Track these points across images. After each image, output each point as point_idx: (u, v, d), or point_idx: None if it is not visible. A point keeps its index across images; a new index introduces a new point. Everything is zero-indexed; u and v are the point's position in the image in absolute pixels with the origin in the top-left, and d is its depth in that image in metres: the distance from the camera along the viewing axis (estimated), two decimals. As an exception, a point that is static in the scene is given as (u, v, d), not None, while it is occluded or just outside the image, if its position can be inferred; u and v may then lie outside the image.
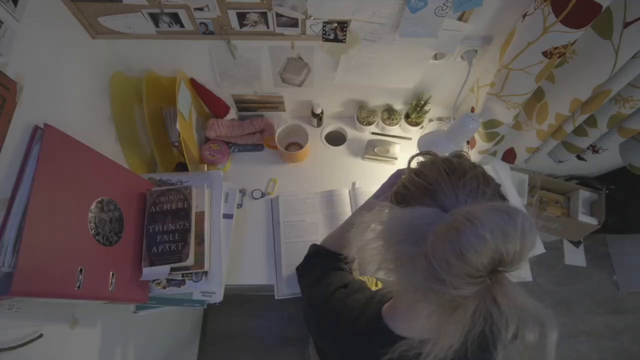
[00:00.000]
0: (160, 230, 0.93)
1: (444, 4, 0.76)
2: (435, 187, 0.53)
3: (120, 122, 1.00)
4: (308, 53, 0.95)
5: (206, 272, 0.96)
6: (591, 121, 1.03)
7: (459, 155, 0.61)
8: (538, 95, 1.00)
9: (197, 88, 1.08)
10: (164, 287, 0.95)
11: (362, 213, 0.65)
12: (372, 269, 0.57)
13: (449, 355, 0.48)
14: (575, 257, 1.95)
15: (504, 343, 0.43)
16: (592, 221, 1.63)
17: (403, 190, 0.58)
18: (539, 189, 1.75)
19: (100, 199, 0.80)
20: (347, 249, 0.80)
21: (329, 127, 1.25)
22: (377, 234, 0.53)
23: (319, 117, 1.19)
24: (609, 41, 0.76)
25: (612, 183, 1.70)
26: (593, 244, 1.98)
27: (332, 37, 0.87)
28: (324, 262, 0.83)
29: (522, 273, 1.06)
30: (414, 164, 0.62)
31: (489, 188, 0.53)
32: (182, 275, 0.95)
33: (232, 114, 1.18)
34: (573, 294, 1.90)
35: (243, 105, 1.18)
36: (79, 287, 0.71)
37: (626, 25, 0.72)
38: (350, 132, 1.24)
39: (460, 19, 0.82)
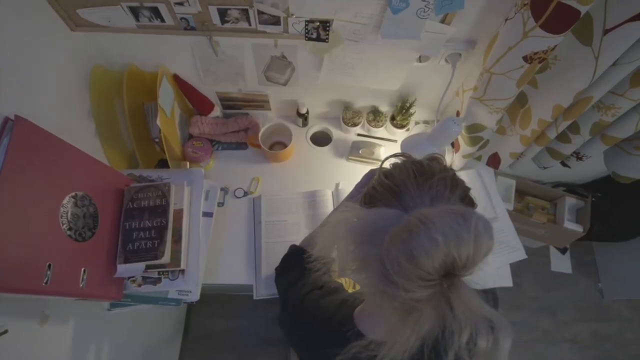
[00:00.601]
0: (137, 227, 0.92)
1: (425, 6, 0.76)
2: (401, 189, 0.53)
3: (100, 116, 0.98)
4: (292, 52, 0.94)
5: (183, 271, 0.95)
6: (574, 128, 1.04)
7: (433, 158, 0.61)
8: (521, 100, 1.00)
9: (180, 84, 1.07)
10: (139, 285, 0.93)
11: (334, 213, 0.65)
12: (338, 269, 0.57)
13: (405, 358, 0.47)
14: (561, 263, 1.96)
15: (456, 348, 0.42)
16: (578, 228, 1.63)
17: (371, 191, 0.57)
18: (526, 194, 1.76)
19: (74, 193, 0.79)
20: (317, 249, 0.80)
21: (314, 127, 1.24)
22: (341, 234, 0.52)
23: (304, 117, 1.18)
24: (589, 48, 0.76)
25: (598, 191, 1.70)
26: (579, 251, 1.98)
27: (314, 36, 0.86)
28: (301, 263, 0.83)
29: (504, 279, 1.06)
30: (387, 166, 0.62)
31: (456, 191, 0.52)
32: (159, 273, 0.94)
33: (217, 111, 1.17)
34: (558, 301, 1.90)
35: (228, 103, 1.17)
36: (46, 283, 0.69)
37: (606, 32, 0.72)
38: (335, 133, 1.24)
39: (443, 21, 0.82)
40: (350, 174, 1.17)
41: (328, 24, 0.83)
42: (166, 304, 0.95)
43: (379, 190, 0.56)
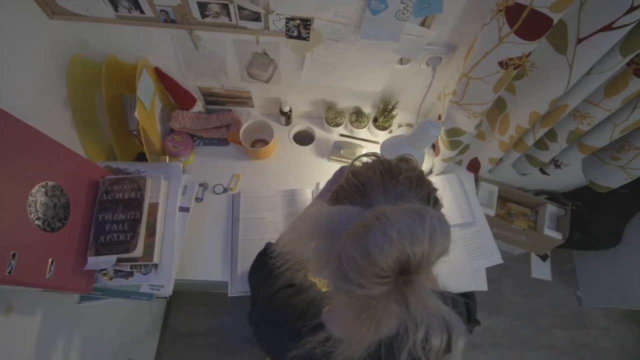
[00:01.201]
0: (110, 219, 0.91)
1: (404, 8, 0.76)
2: (366, 187, 0.53)
3: (79, 107, 0.97)
4: (274, 49, 0.94)
5: (156, 265, 0.94)
6: (551, 135, 1.05)
7: (402, 159, 0.61)
8: (500, 106, 1.01)
9: (161, 78, 1.06)
10: (110, 278, 0.92)
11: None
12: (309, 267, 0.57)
13: (362, 356, 0.47)
14: (541, 270, 1.98)
15: (410, 346, 0.42)
16: (557, 236, 1.65)
17: (339, 189, 0.58)
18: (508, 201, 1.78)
19: (44, 183, 0.78)
20: (281, 245, 0.80)
21: (297, 126, 1.24)
22: (304, 231, 0.52)
23: (287, 115, 1.18)
24: (564, 56, 0.77)
25: (579, 200, 1.72)
26: (559, 259, 2.01)
27: (295, 34, 0.86)
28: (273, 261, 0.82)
29: (479, 283, 1.07)
30: (358, 165, 0.62)
31: (421, 191, 0.53)
32: (131, 267, 0.93)
33: (199, 106, 1.16)
34: (538, 307, 1.92)
35: (211, 98, 1.17)
36: (10, 272, 0.68)
37: (579, 41, 0.73)
38: (318, 133, 1.24)
39: (422, 24, 0.82)
40: (331, 174, 1.17)
41: (309, 23, 0.83)
42: (138, 298, 0.94)
43: (346, 188, 0.57)
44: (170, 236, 0.97)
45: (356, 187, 0.54)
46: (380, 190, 0.52)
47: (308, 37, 0.87)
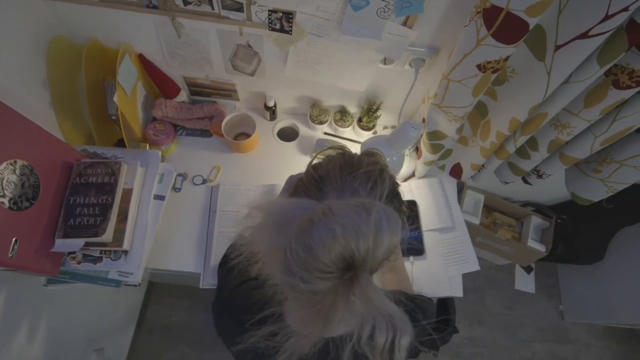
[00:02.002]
0: (81, 202, 0.90)
1: (385, 6, 0.76)
2: (324, 180, 0.52)
3: (59, 89, 0.97)
4: (257, 41, 0.94)
5: (126, 252, 0.93)
6: (532, 144, 1.05)
7: (368, 153, 0.60)
8: (482, 111, 1.00)
9: (145, 65, 1.05)
10: (79, 262, 0.91)
11: None
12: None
13: (311, 352, 0.46)
14: (525, 283, 1.97)
15: (355, 343, 0.42)
16: (540, 248, 1.64)
17: (299, 182, 0.57)
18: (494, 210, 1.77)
19: (12, 161, 0.77)
20: (237, 237, 0.79)
21: (282, 122, 1.24)
22: (259, 222, 0.51)
23: (271, 110, 1.18)
24: (542, 63, 0.77)
25: (565, 213, 1.72)
26: (544, 272, 2.00)
27: (278, 27, 0.86)
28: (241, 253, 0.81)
29: (454, 289, 1.06)
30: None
31: (381, 185, 0.52)
32: (100, 252, 0.92)
33: (183, 96, 1.16)
34: (519, 319, 1.91)
35: (196, 89, 1.16)
36: (-32, 248, 0.67)
37: (557, 48, 0.73)
38: (303, 130, 1.23)
39: (404, 24, 0.82)
40: (313, 172, 1.17)
41: (291, 16, 0.83)
42: (106, 284, 0.92)
43: (305, 181, 0.56)
44: (142, 224, 0.96)
45: (314, 180, 0.54)
46: (338, 184, 0.51)
47: (291, 30, 0.87)
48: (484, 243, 1.74)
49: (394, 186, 0.55)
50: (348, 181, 0.51)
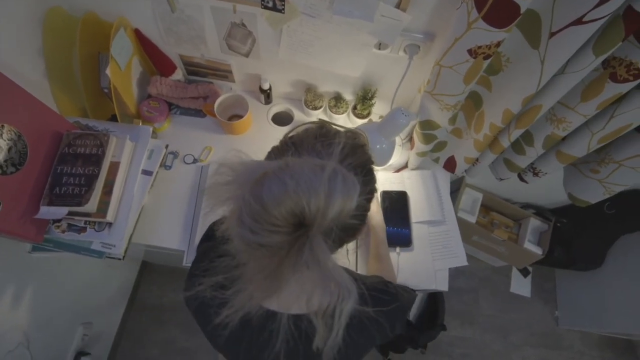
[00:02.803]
0: (68, 172, 0.90)
1: (377, -15, 0.75)
2: (297, 147, 0.52)
3: (54, 60, 0.97)
4: (251, 20, 0.93)
5: (110, 224, 0.94)
6: (528, 139, 1.02)
7: (351, 130, 0.60)
8: (477, 102, 0.98)
9: (142, 40, 1.05)
10: (63, 231, 0.92)
11: None
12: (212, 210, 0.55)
13: (257, 314, 0.46)
14: (521, 286, 1.94)
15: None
16: (537, 250, 1.61)
17: (272, 148, 0.57)
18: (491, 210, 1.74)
19: (0, 125, 0.78)
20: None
21: (277, 106, 1.23)
22: (224, 179, 0.51)
23: (266, 94, 1.17)
24: (537, 51, 0.74)
25: (566, 217, 1.68)
26: (541, 277, 1.96)
27: (270, 5, 0.85)
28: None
29: (440, 283, 1.05)
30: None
31: (352, 158, 0.51)
32: (85, 222, 0.93)
33: (179, 74, 1.16)
34: (512, 322, 1.88)
35: (192, 68, 1.16)
36: (-52, 206, 0.68)
37: (552, 35, 0.70)
38: (297, 115, 1.22)
39: (398, 6, 0.81)
40: (304, 157, 1.16)
41: (283, -6, 0.82)
42: (88, 255, 0.93)
43: (278, 146, 0.56)
44: (129, 197, 0.97)
45: (287, 146, 0.54)
46: (308, 149, 0.51)
47: (283, 9, 0.86)
48: (480, 243, 1.72)
49: (367, 163, 0.54)
50: (319, 148, 0.50)
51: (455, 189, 1.70)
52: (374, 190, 0.55)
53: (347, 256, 1.04)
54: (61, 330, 1.24)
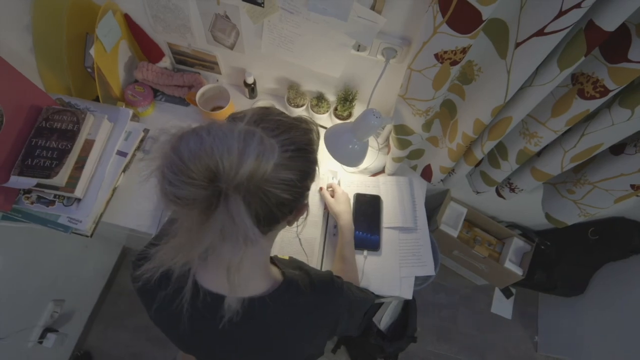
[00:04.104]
0: (42, 145, 0.93)
1: (351, -15, 0.76)
2: (235, 120, 0.53)
3: (42, 37, 1.00)
4: (234, 12, 0.95)
5: (79, 200, 0.95)
6: (503, 152, 1.02)
7: (299, 116, 0.60)
8: (452, 111, 0.98)
9: (131, 26, 1.08)
10: (32, 203, 0.94)
11: None
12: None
13: (176, 273, 0.46)
14: (502, 307, 1.90)
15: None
16: (517, 271, 1.58)
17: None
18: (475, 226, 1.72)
19: (-24, 92, 0.80)
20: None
21: (261, 101, 1.24)
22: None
23: (250, 88, 1.19)
24: (504, 61, 0.75)
25: (551, 240, 1.66)
26: (524, 300, 1.92)
27: (250, -2, 0.87)
28: None
29: (404, 290, 1.04)
30: None
31: (286, 134, 0.51)
32: (54, 196, 0.95)
33: (166, 62, 1.18)
34: (489, 343, 1.84)
35: (180, 57, 1.18)
36: None
37: (517, 45, 0.70)
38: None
39: (373, 8, 0.82)
40: (282, 153, 1.17)
41: (263, -13, 0.84)
42: (54, 228, 0.95)
43: (218, 122, 0.57)
44: (100, 175, 0.98)
45: (227, 119, 0.55)
46: (250, 125, 0.51)
47: (262, 3, 0.87)
48: (461, 258, 1.70)
49: (303, 143, 0.54)
50: (255, 122, 0.51)
51: (441, 201, 1.68)
52: (310, 172, 0.55)
53: (298, 236, 1.05)
54: (29, 304, 1.25)
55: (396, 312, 1.49)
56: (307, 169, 0.53)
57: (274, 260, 0.72)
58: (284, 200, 0.49)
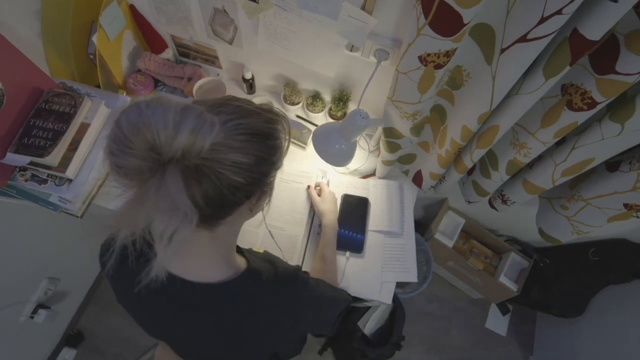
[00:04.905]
0: (39, 125, 0.96)
1: (340, -16, 0.76)
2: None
3: (50, 23, 1.04)
4: (232, 8, 0.97)
5: (70, 180, 0.98)
6: (493, 162, 1.00)
7: (267, 106, 0.60)
8: (442, 116, 0.97)
9: (136, 17, 1.11)
10: (26, 180, 0.97)
11: None
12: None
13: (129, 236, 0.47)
14: (497, 323, 1.85)
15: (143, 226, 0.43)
16: (512, 286, 1.54)
17: None
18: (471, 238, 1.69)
19: (-21, 71, 0.84)
20: None
21: (259, 97, 1.25)
22: None
23: (248, 83, 1.20)
24: (490, 67, 0.73)
25: (551, 258, 1.61)
26: (521, 318, 1.87)
27: (246, -7, 0.89)
28: None
29: (384, 295, 1.02)
30: None
31: (242, 120, 0.51)
32: (47, 175, 0.98)
33: (169, 53, 1.21)
34: (481, 359, 1.79)
35: (183, 50, 1.21)
36: None
37: (502, 51, 0.69)
38: (277, 107, 1.24)
39: (363, 8, 0.82)
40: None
41: (257, -17, 0.85)
42: (45, 206, 0.98)
43: None
44: (93, 159, 1.01)
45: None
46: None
47: (257, -1, 0.89)
48: (456, 269, 1.66)
49: (260, 130, 0.53)
50: (214, 106, 0.51)
51: (438, 210, 1.66)
52: (267, 158, 0.55)
53: (265, 223, 1.06)
54: (23, 279, 1.30)
55: (383, 318, 1.48)
56: (264, 155, 0.53)
57: (244, 252, 0.72)
58: (236, 184, 0.49)
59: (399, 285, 1.66)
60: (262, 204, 0.61)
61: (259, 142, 0.53)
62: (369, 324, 1.43)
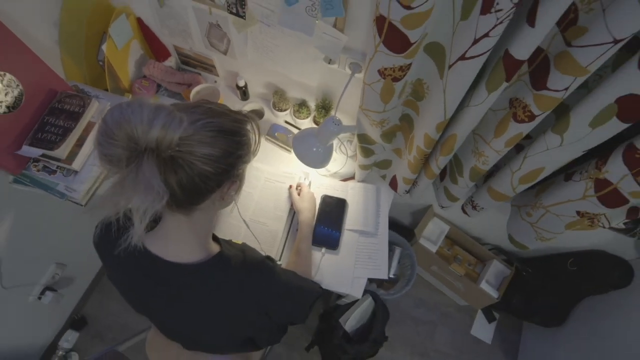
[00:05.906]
0: (52, 122, 1.09)
1: (312, 5, 0.86)
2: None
3: (67, 32, 1.17)
4: (224, 22, 1.08)
5: (76, 172, 1.11)
6: (459, 168, 1.07)
7: (236, 111, 0.70)
8: (410, 125, 1.05)
9: (143, 28, 1.24)
10: (38, 170, 1.10)
11: None
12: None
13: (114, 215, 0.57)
14: (483, 330, 1.88)
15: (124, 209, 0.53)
16: (493, 293, 1.59)
17: None
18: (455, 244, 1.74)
19: (2, 73, 0.98)
20: None
21: (252, 104, 1.36)
22: None
23: (242, 90, 1.31)
24: (442, 81, 0.82)
25: (534, 267, 1.64)
26: (507, 327, 1.89)
27: (234, 10, 1.00)
28: None
29: (355, 289, 1.10)
30: None
31: (210, 118, 0.61)
32: (57, 167, 1.10)
33: (171, 61, 1.33)
34: (465, 365, 1.83)
35: (184, 59, 1.33)
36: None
37: (450, 66, 0.77)
38: (268, 114, 1.35)
39: (335, 26, 0.91)
40: (262, 151, 1.27)
41: (244, 2, 0.96)
42: (53, 194, 1.10)
43: None
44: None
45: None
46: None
47: (244, 15, 1.00)
48: (439, 274, 1.72)
49: (226, 128, 0.62)
50: (188, 107, 0.61)
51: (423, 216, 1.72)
52: (234, 152, 0.63)
53: (240, 214, 1.15)
54: (33, 262, 1.43)
55: (365, 317, 1.54)
56: (230, 149, 0.62)
57: (220, 240, 0.80)
58: (207, 173, 0.59)
59: (384, 286, 1.72)
60: (232, 193, 0.70)
61: (226, 138, 0.62)
62: (350, 322, 1.50)
